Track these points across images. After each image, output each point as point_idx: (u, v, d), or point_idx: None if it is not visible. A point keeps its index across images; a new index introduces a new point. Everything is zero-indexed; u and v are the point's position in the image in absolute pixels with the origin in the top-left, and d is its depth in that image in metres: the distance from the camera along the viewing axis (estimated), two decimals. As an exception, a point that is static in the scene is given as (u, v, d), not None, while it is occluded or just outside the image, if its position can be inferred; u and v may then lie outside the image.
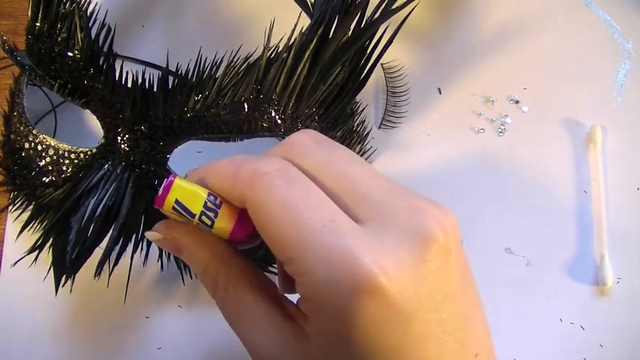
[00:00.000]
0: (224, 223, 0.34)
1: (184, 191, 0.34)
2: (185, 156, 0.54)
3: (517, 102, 0.64)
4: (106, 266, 0.51)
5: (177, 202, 0.33)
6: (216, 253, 0.35)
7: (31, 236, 0.53)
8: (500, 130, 0.63)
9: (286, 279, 0.36)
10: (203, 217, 0.33)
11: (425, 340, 0.29)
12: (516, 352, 0.55)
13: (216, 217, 0.34)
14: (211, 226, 0.34)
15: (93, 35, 0.52)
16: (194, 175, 0.35)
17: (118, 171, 0.50)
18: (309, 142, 0.34)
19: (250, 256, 0.53)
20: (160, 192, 0.34)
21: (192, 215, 0.34)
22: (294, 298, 0.34)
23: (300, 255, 0.29)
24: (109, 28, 0.53)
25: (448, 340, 0.30)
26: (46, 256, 0.51)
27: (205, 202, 0.34)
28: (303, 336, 0.31)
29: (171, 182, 0.34)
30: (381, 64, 0.64)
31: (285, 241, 0.29)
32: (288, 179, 0.30)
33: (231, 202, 0.33)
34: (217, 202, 0.34)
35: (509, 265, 0.58)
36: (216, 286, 0.34)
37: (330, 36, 0.50)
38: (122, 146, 0.51)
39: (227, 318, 0.34)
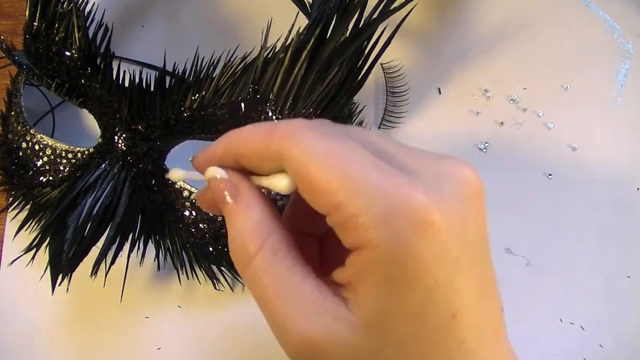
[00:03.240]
0: None
1: None
2: (184, 156, 0.54)
3: (517, 102, 0.63)
4: (102, 265, 0.51)
5: None
6: (274, 214, 0.32)
7: (29, 235, 0.53)
8: (500, 130, 0.62)
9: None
10: None
11: (471, 280, 0.29)
12: (516, 352, 0.55)
13: None
14: None
15: (90, 35, 0.52)
16: (213, 146, 0.32)
17: (115, 170, 0.50)
18: (311, 124, 0.32)
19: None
20: None
21: None
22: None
23: (351, 196, 0.27)
24: (107, 28, 0.53)
25: (484, 284, 0.30)
26: (45, 255, 0.51)
27: None
28: (353, 304, 0.29)
29: None
30: (381, 64, 0.64)
31: (333, 185, 0.28)
32: (326, 132, 0.30)
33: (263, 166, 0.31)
34: None
35: (509, 265, 0.58)
36: (261, 247, 0.30)
37: (328, 36, 0.49)
38: (119, 146, 0.51)
39: (265, 288, 0.30)
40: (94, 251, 0.50)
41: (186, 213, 0.52)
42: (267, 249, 0.30)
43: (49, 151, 0.53)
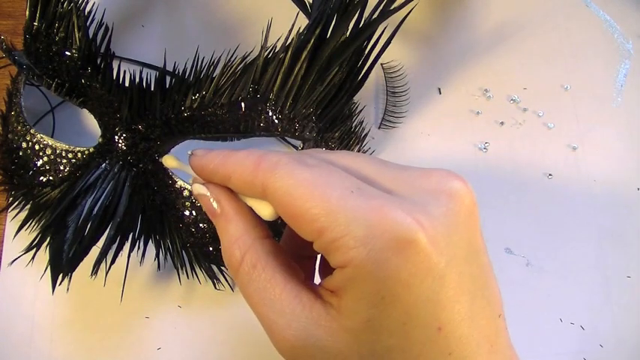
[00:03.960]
0: None
1: None
2: (184, 156, 0.54)
3: (517, 102, 0.63)
4: (102, 265, 0.51)
5: None
6: (253, 227, 0.34)
7: (29, 235, 0.53)
8: (499, 130, 0.62)
9: (323, 264, 0.37)
10: None
11: (459, 293, 0.29)
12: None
13: None
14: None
15: (90, 35, 0.52)
16: (210, 158, 0.34)
17: (115, 170, 0.50)
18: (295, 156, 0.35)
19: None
20: None
21: None
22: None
23: (332, 220, 0.29)
24: (107, 28, 0.53)
25: (477, 295, 0.30)
26: (45, 255, 0.51)
27: None
28: (336, 311, 0.30)
29: None
30: (381, 64, 0.64)
31: (314, 212, 0.29)
32: (308, 164, 0.31)
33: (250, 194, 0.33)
34: None
35: (509, 265, 0.58)
36: (242, 260, 0.33)
37: (328, 36, 0.49)
38: (119, 145, 0.51)
39: (250, 297, 0.33)
40: (94, 251, 0.50)
41: (187, 213, 0.52)
42: (246, 262, 0.33)
43: (49, 151, 0.53)
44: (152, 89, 0.51)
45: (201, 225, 0.52)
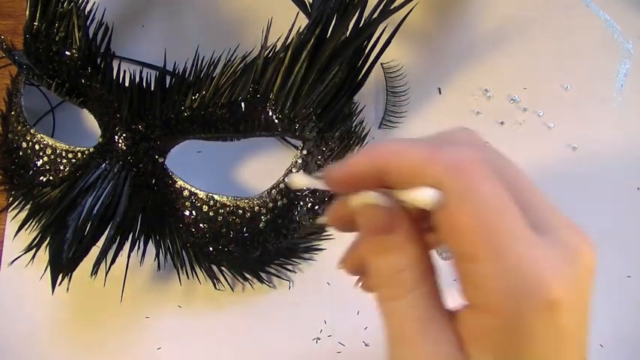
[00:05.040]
0: None
1: None
2: (184, 156, 0.54)
3: (517, 102, 0.63)
4: (102, 265, 0.51)
5: None
6: (427, 253, 0.31)
7: (29, 235, 0.53)
8: (500, 129, 0.62)
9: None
10: None
11: (575, 351, 0.29)
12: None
13: None
14: None
15: (90, 34, 0.52)
16: (357, 163, 0.31)
17: (115, 170, 0.50)
18: (475, 142, 0.33)
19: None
20: None
21: None
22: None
23: (491, 257, 0.27)
24: (107, 28, 0.53)
25: (583, 350, 0.30)
26: (45, 255, 0.51)
27: None
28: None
29: None
30: (381, 64, 0.64)
31: (477, 238, 0.27)
32: (499, 174, 0.29)
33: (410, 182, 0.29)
34: None
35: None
36: (411, 289, 0.30)
37: (328, 36, 0.49)
38: (120, 145, 0.51)
39: (401, 328, 0.30)
40: (94, 251, 0.50)
41: (187, 213, 0.52)
42: (417, 292, 0.30)
43: (49, 151, 0.53)
44: (152, 89, 0.51)
45: (201, 225, 0.52)
